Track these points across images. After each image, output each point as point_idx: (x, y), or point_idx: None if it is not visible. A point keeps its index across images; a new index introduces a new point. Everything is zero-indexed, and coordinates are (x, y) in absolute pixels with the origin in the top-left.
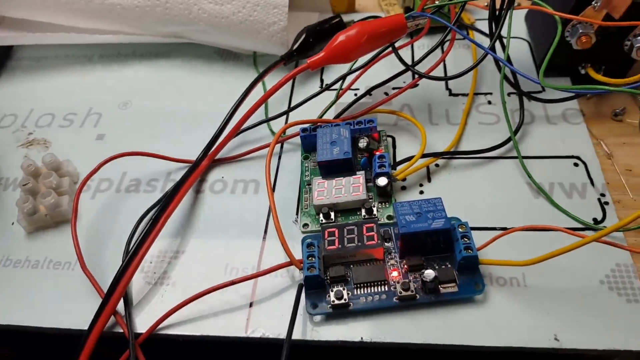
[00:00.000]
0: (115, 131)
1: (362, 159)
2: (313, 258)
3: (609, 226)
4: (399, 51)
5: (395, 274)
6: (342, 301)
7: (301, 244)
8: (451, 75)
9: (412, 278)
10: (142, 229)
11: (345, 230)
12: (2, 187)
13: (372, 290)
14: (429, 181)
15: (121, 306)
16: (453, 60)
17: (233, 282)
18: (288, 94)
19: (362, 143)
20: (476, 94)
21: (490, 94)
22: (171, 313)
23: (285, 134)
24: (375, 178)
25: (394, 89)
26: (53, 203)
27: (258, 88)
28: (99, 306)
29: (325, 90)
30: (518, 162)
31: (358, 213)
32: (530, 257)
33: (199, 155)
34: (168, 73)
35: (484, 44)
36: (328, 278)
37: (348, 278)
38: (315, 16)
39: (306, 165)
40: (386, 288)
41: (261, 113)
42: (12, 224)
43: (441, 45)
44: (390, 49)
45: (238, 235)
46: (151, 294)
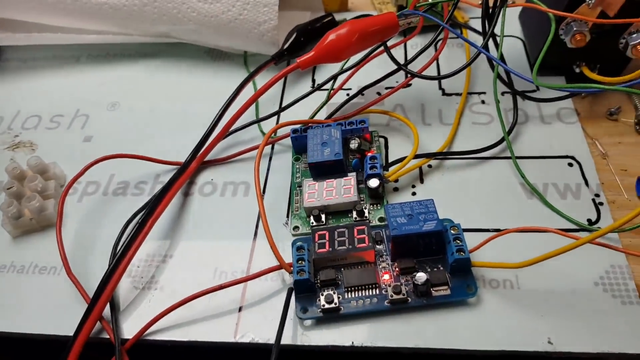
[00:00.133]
0: (103, 133)
1: (354, 160)
2: (303, 261)
3: (604, 227)
4: (392, 50)
5: (386, 277)
6: (333, 305)
7: (291, 247)
8: (444, 74)
9: (404, 281)
10: (129, 233)
11: (335, 232)
12: None
13: (363, 293)
14: (422, 182)
15: (108, 311)
16: (446, 59)
17: (222, 287)
18: (279, 94)
19: (354, 144)
20: (469, 94)
21: (484, 94)
22: (159, 318)
23: (275, 135)
24: (366, 179)
25: (387, 89)
26: (38, 207)
27: (249, 88)
28: (85, 311)
29: (316, 90)
30: (512, 163)
31: (349, 215)
32: (523, 259)
33: (188, 157)
34: (157, 73)
35: (478, 43)
36: (318, 281)
37: (339, 281)
38: (307, 15)
39: (297, 166)
40: (377, 291)
41: (252, 114)
42: None
43: (434, 44)
44: (382, 48)
45: (227, 238)
46: (138, 299)
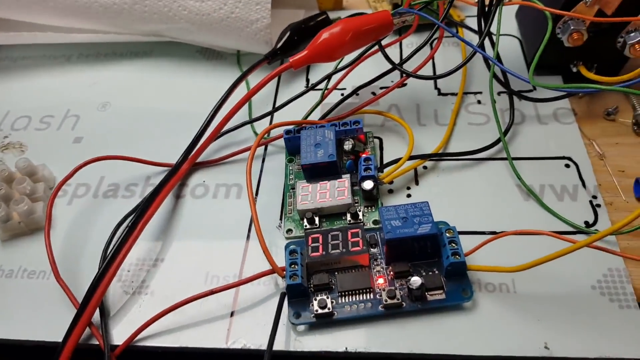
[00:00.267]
0: (93, 134)
1: (348, 162)
2: (296, 266)
3: (601, 231)
4: (387, 49)
5: (381, 281)
6: (326, 310)
7: (284, 251)
8: (439, 74)
9: (399, 285)
10: (120, 236)
11: (329, 236)
12: None
13: (357, 298)
14: (417, 184)
15: (97, 317)
16: (442, 58)
17: (213, 292)
18: (273, 94)
19: (348, 145)
20: (465, 94)
21: (480, 93)
22: (149, 324)
23: (269, 136)
24: (360, 181)
25: (382, 89)
26: (27, 210)
27: (242, 88)
28: (74, 317)
29: (310, 89)
30: (508, 164)
31: (343, 218)
32: (520, 261)
33: (179, 158)
34: (149, 73)
35: (474, 42)
36: (312, 286)
37: (332, 286)
38: (301, 13)
39: (290, 168)
40: (371, 296)
41: (245, 114)
42: None
43: (430, 43)
44: (377, 47)
45: (219, 241)
46: (129, 304)
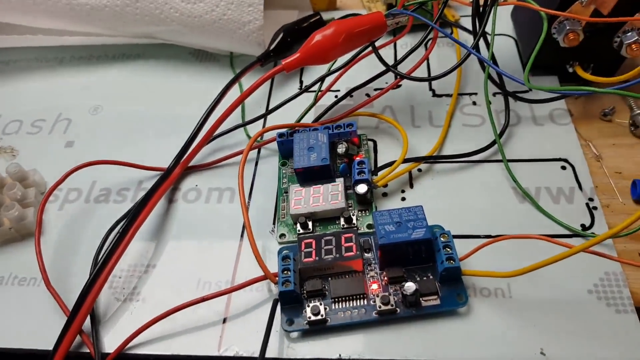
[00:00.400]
0: (85, 138)
1: (342, 165)
2: (288, 272)
3: (598, 234)
4: (382, 50)
5: (375, 287)
6: (319, 317)
7: (277, 256)
8: (433, 76)
9: (393, 291)
10: (111, 242)
11: (322, 241)
12: None
13: (351, 304)
14: (411, 187)
15: (88, 325)
16: (437, 58)
17: (204, 299)
18: (266, 97)
19: (341, 148)
20: (460, 95)
21: (475, 94)
22: (141, 331)
23: (262, 139)
24: (354, 185)
25: (376, 90)
26: (17, 216)
27: (235, 91)
28: (64, 325)
29: (303, 92)
30: (503, 166)
31: (337, 222)
32: (516, 265)
33: (171, 162)
34: (141, 75)
35: (469, 42)
36: (305, 292)
37: (326, 292)
38: (294, 14)
39: (284, 171)
40: (365, 302)
41: (238, 117)
42: None
43: (425, 44)
44: (371, 49)
45: (212, 246)
46: (120, 311)
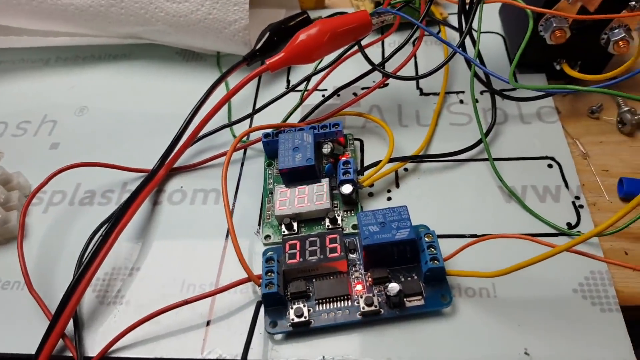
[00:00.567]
0: (70, 139)
1: (327, 165)
2: (272, 274)
3: (583, 233)
4: (370, 48)
5: (359, 288)
6: (303, 319)
7: (262, 258)
8: (420, 74)
9: (377, 292)
10: (94, 245)
11: (307, 242)
12: None
13: (335, 305)
14: (397, 187)
15: (71, 328)
16: (425, 56)
17: (187, 302)
18: (253, 96)
19: (326, 148)
20: (447, 93)
21: (462, 93)
22: (124, 334)
23: (248, 139)
24: (339, 185)
25: (363, 89)
26: (0, 219)
27: (222, 91)
28: (47, 328)
29: (290, 91)
30: (489, 165)
31: (322, 223)
32: (501, 265)
33: (156, 164)
34: (127, 76)
35: (457, 40)
36: (289, 294)
37: (310, 293)
38: (282, 12)
39: (269, 172)
40: (349, 303)
41: (225, 117)
42: None
43: (412, 41)
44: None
45: (197, 248)
46: (103, 315)
